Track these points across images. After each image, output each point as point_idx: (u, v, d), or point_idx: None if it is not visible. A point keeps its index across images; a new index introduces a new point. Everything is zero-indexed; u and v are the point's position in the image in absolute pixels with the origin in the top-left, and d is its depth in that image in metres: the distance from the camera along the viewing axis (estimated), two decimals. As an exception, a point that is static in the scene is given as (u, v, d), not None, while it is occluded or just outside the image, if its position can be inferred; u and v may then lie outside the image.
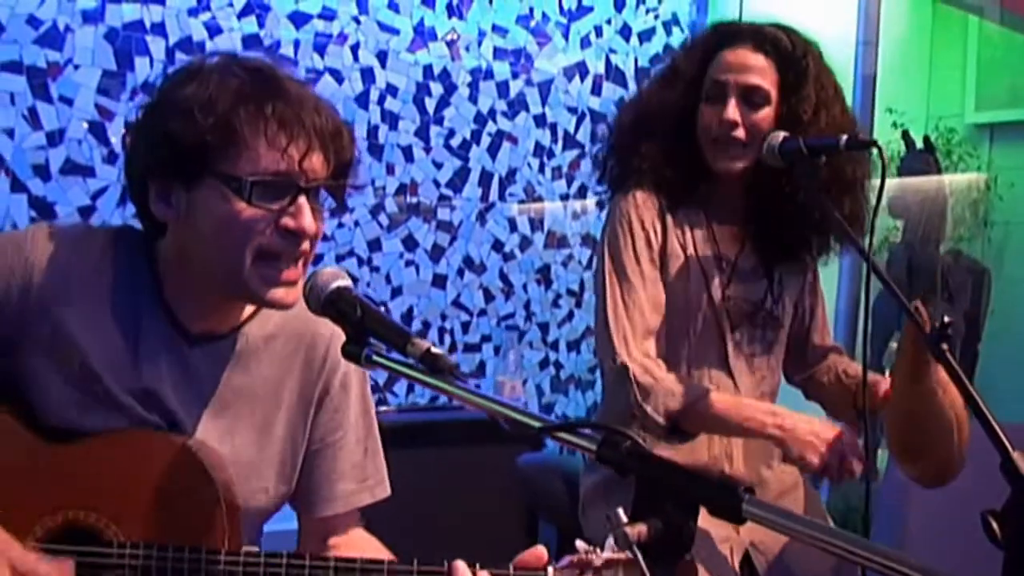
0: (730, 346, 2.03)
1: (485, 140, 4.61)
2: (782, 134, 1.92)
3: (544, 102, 4.75)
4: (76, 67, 3.82)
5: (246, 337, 1.57)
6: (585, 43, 4.86)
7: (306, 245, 1.47)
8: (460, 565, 1.35)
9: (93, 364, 1.47)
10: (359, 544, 1.68)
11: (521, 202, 4.68)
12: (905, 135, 3.96)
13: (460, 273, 4.55)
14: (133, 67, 3.93)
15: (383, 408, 2.85)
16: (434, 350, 1.24)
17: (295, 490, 1.66)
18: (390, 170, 4.45)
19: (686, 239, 2.01)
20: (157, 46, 3.97)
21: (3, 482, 1.41)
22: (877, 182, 1.81)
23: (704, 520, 1.90)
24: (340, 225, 4.35)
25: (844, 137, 1.86)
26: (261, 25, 4.17)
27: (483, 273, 4.59)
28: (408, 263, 4.49)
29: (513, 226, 4.67)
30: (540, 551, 1.37)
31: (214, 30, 4.08)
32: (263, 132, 1.40)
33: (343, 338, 1.46)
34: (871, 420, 1.89)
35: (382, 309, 1.65)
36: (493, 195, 4.62)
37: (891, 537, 2.41)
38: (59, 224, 1.53)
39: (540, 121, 4.73)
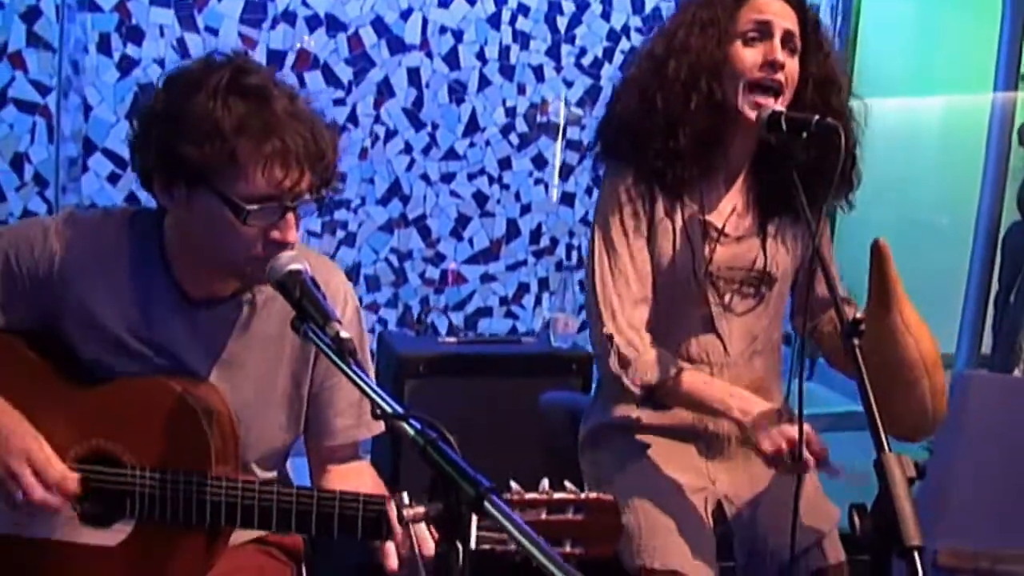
0: (715, 310, 2.07)
1: (618, 58, 4.63)
2: (770, 108, 1.92)
3: (681, 17, 4.70)
4: (219, -1, 4.09)
5: (249, 299, 1.78)
6: (727, -47, 4.75)
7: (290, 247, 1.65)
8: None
9: (112, 327, 1.73)
10: (354, 473, 1.89)
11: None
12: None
13: (588, 191, 4.64)
14: (274, -3, 4.18)
15: (450, 338, 3.04)
16: (342, 334, 1.43)
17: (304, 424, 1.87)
18: (521, 90, 4.55)
19: (675, 210, 2.04)
20: (296, -24, 4.19)
21: (45, 417, 1.71)
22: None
23: (680, 471, 2.03)
24: (472, 145, 4.52)
25: (816, 118, 1.85)
26: (394, -48, 4.32)
27: (612, 191, 4.66)
28: (537, 181, 4.61)
29: (644, 144, 4.70)
30: None
31: (349, -42, 4.26)
32: (261, 165, 1.58)
33: (340, 292, 1.81)
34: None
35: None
36: (624, 113, 4.65)
37: (936, 499, 2.41)
38: (79, 211, 1.80)
39: (676, 36, 4.69)
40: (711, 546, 1.95)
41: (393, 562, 1.57)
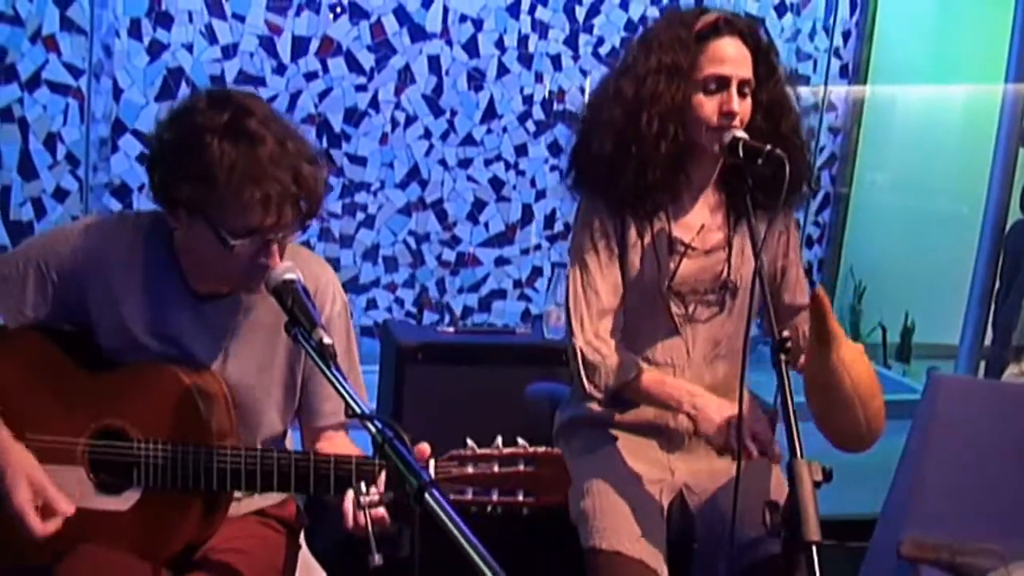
0: (679, 319, 2.21)
1: (634, 48, 4.72)
2: (732, 134, 2.05)
3: (698, 8, 4.78)
4: (247, -14, 4.24)
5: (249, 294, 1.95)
6: (748, -57, 4.84)
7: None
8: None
9: (127, 320, 1.93)
10: (337, 445, 2.06)
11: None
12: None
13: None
14: (299, -15, 4.32)
15: (449, 328, 3.21)
16: (325, 340, 1.65)
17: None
18: (538, 78, 4.67)
19: (645, 231, 2.19)
20: (321, -35, 4.33)
21: (66, 400, 1.92)
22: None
23: (640, 462, 2.17)
24: (489, 131, 4.65)
25: (768, 148, 1.97)
26: (415, -54, 4.45)
27: (626, 179, 4.77)
28: (553, 168, 4.74)
29: (658, 133, 4.80)
30: (423, 447, 1.68)
31: (372, -49, 4.39)
32: (246, 209, 1.77)
33: (328, 288, 2.00)
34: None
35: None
36: (639, 103, 4.74)
37: (905, 494, 2.52)
38: (99, 217, 2.01)
39: (693, 28, 4.78)
40: (660, 532, 2.09)
41: (349, 520, 1.71)
